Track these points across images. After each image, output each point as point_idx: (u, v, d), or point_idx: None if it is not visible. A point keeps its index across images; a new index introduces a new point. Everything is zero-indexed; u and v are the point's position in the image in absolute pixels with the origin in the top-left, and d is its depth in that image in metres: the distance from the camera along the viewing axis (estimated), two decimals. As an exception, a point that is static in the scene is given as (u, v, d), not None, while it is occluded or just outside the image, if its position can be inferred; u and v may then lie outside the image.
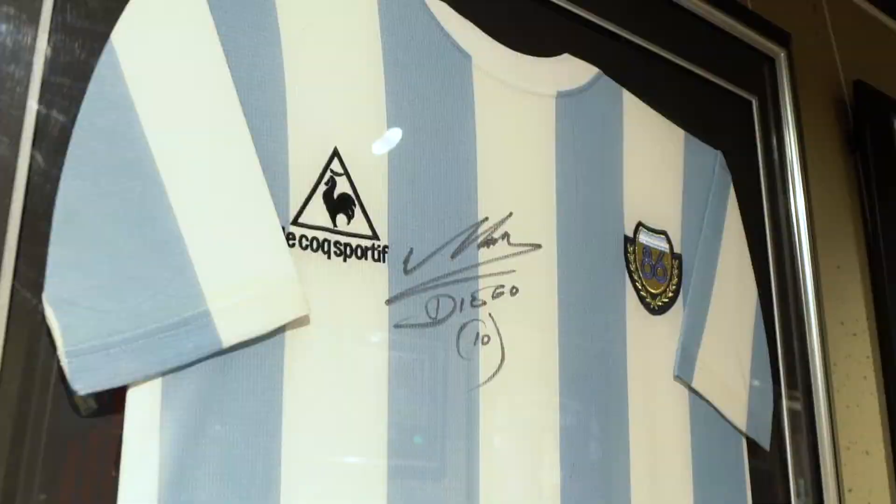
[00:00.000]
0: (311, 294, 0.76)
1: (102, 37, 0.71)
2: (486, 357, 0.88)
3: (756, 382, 1.17)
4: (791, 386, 1.32)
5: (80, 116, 0.68)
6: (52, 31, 0.73)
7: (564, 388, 0.93)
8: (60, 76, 0.73)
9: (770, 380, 1.21)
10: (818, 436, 1.33)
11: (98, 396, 0.69)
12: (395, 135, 0.86)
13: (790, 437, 1.29)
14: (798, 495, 1.28)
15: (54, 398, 0.68)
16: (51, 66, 0.72)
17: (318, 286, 0.77)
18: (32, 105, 0.71)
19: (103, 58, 0.70)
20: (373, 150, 0.84)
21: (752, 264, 1.24)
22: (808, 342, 1.36)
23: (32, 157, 0.70)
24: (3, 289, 0.67)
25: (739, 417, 1.13)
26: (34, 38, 0.72)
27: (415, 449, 0.81)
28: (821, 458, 1.32)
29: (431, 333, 0.84)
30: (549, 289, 0.94)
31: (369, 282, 0.81)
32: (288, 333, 0.75)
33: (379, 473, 0.78)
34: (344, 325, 0.78)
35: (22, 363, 0.67)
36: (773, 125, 1.44)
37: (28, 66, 0.71)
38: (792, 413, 1.31)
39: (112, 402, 0.69)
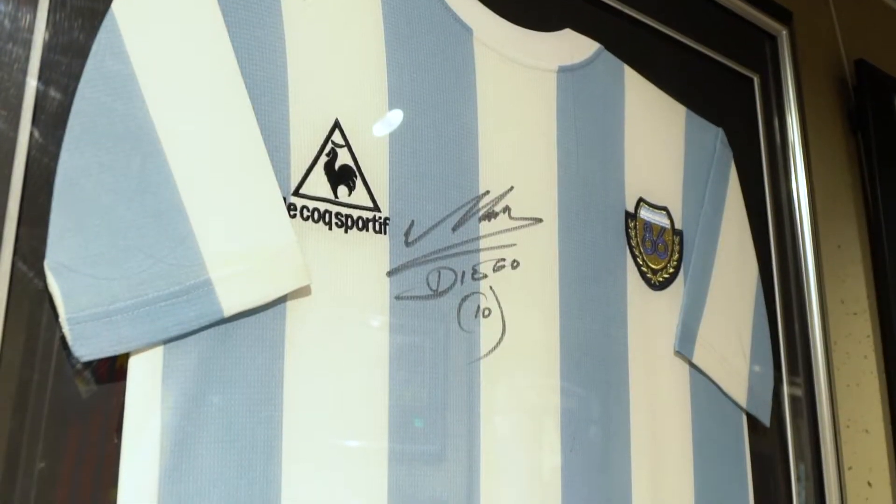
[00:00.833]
0: (312, 265, 0.76)
1: (102, 15, 0.70)
2: (487, 330, 0.88)
3: (756, 359, 1.17)
4: (791, 365, 1.32)
5: (80, 86, 0.68)
6: (52, 9, 0.73)
7: (565, 362, 0.93)
8: (59, 55, 0.73)
9: (770, 357, 1.22)
10: (818, 414, 1.33)
11: (99, 365, 0.69)
12: (397, 107, 0.85)
13: (790, 417, 1.30)
14: (798, 479, 1.28)
15: (56, 367, 0.68)
16: (50, 44, 0.72)
17: (319, 257, 0.77)
18: (32, 83, 0.71)
19: (104, 28, 0.69)
20: (374, 123, 0.84)
21: (753, 242, 1.24)
22: (809, 321, 1.36)
23: (31, 134, 0.70)
24: (4, 262, 0.67)
25: (739, 393, 1.13)
26: (33, 17, 0.72)
27: (415, 425, 0.81)
28: (821, 436, 1.32)
29: (432, 306, 0.84)
30: (550, 263, 0.94)
31: (370, 253, 0.81)
32: (289, 304, 0.75)
33: (380, 445, 0.78)
34: (345, 297, 0.78)
35: (23, 334, 0.67)
36: (775, 103, 1.44)
37: (27, 45, 0.71)
38: (792, 391, 1.31)
39: (114, 369, 0.69)
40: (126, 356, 0.67)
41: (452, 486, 0.82)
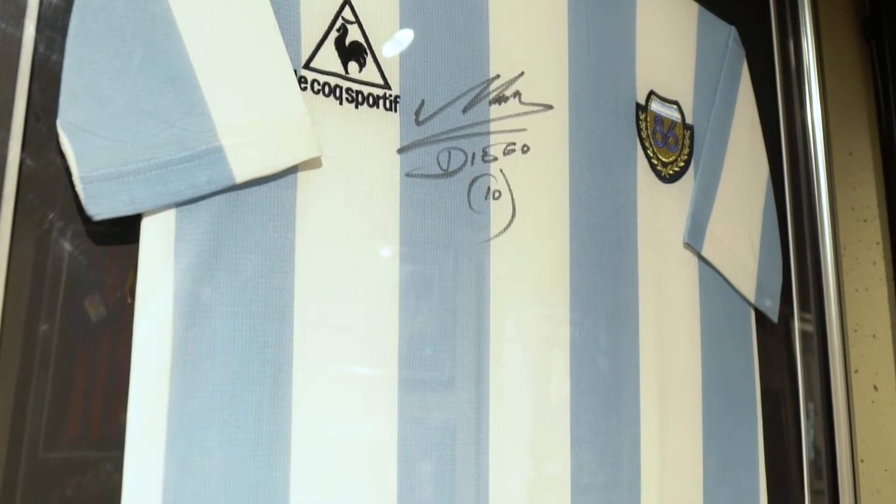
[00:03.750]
0: (322, 138, 0.76)
1: None
2: (497, 212, 0.88)
3: (765, 256, 1.18)
4: (801, 269, 1.33)
5: None
6: None
7: (574, 246, 0.93)
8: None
9: (779, 255, 1.22)
10: (827, 318, 1.34)
11: (114, 232, 0.70)
12: (407, -14, 0.85)
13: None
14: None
15: (72, 224, 0.69)
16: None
17: (329, 131, 0.77)
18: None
19: None
20: (384, 1, 0.83)
21: (765, 145, 1.24)
22: (819, 227, 1.36)
23: (36, 41, 0.70)
24: (13, 150, 0.67)
25: (748, 288, 1.14)
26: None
27: (424, 294, 0.82)
28: (828, 339, 1.33)
29: (442, 185, 0.84)
30: (560, 149, 0.94)
31: (381, 130, 0.81)
32: (300, 175, 0.75)
33: (390, 309, 0.79)
34: (355, 171, 0.78)
35: (38, 216, 0.68)
36: (789, 7, 1.42)
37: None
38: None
39: (125, 232, 0.70)
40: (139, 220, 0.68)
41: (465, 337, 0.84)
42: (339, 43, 0.79)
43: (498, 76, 0.90)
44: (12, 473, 0.64)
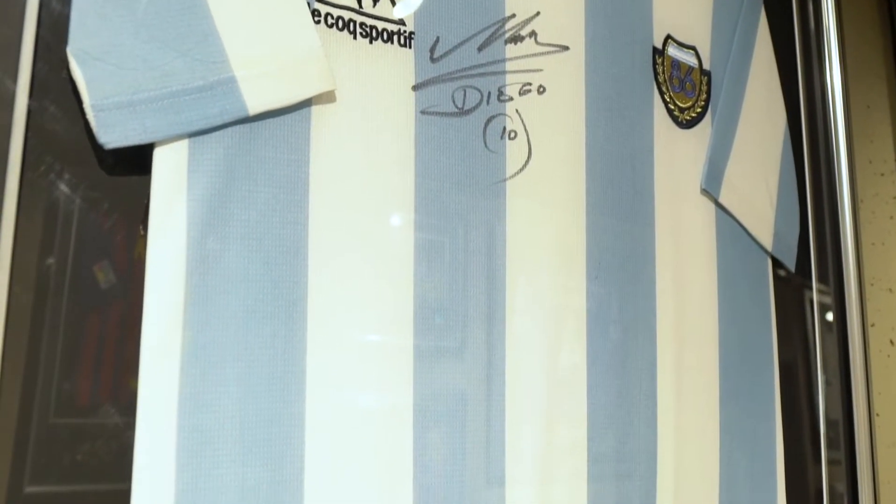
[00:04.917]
0: (336, 73, 0.75)
1: None
2: (513, 152, 0.87)
3: (783, 204, 1.16)
4: (818, 223, 1.31)
5: None
6: None
7: (591, 188, 0.92)
8: None
9: (797, 205, 1.21)
10: (844, 271, 1.32)
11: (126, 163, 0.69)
12: (421, -79, 0.83)
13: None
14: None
15: (83, 164, 0.68)
16: None
17: (343, 65, 0.76)
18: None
19: None
20: (398, -64, 0.82)
21: (783, 97, 1.22)
22: (837, 180, 1.35)
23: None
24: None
25: (765, 236, 1.12)
26: None
27: (440, 234, 0.81)
28: (846, 293, 1.32)
29: (458, 123, 0.83)
30: (576, 91, 0.93)
31: (395, 66, 0.80)
32: (314, 108, 0.74)
33: (404, 247, 0.78)
34: (370, 106, 0.77)
35: (46, 154, 0.67)
36: (807, -42, 1.41)
37: None
38: (818, 249, 1.30)
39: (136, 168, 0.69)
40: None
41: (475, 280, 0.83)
42: (353, -23, 0.78)
43: (514, 15, 0.88)
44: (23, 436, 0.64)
